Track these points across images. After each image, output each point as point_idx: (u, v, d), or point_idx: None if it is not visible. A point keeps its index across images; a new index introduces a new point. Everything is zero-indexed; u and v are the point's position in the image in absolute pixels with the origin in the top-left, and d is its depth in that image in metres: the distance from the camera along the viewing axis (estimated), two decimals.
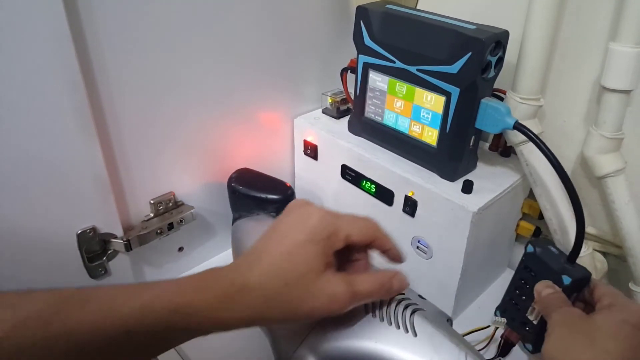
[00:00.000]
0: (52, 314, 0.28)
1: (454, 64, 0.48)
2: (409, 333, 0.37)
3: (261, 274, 0.32)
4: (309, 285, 0.32)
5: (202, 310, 0.30)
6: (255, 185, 0.59)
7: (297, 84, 0.66)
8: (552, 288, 0.42)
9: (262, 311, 0.32)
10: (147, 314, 0.30)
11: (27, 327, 0.28)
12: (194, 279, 0.32)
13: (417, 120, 0.55)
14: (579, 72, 0.52)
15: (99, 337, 0.29)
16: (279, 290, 0.32)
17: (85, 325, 0.29)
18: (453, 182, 0.53)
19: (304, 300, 0.32)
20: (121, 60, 0.48)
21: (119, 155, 0.52)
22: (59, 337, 0.28)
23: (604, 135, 0.49)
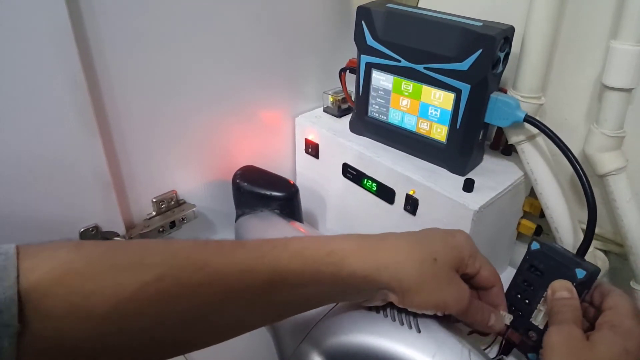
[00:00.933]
0: (206, 257, 0.30)
1: (464, 61, 0.48)
2: (413, 329, 0.37)
3: (418, 236, 0.37)
4: (450, 272, 0.36)
5: (354, 255, 0.33)
6: (260, 183, 0.60)
7: (298, 83, 0.67)
8: (570, 293, 0.38)
9: (404, 267, 0.34)
10: (297, 257, 0.32)
11: (183, 269, 0.29)
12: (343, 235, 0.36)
13: (424, 118, 0.55)
14: (580, 70, 0.52)
15: (248, 280, 0.30)
16: (427, 258, 0.35)
17: (236, 268, 0.30)
18: (463, 176, 0.54)
19: (442, 282, 0.35)
20: (123, 59, 0.49)
21: (121, 154, 0.53)
22: (212, 279, 0.29)
23: (605, 134, 0.49)
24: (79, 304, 0.26)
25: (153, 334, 0.29)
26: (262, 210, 0.59)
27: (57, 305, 0.25)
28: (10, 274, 0.24)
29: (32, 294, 0.25)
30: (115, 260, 0.28)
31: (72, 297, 0.26)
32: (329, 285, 0.33)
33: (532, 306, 0.41)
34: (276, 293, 0.32)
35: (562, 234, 0.54)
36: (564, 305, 0.37)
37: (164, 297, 0.28)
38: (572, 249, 0.54)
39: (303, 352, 0.39)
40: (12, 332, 0.24)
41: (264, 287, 0.31)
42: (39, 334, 0.25)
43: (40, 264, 0.26)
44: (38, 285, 0.25)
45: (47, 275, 0.26)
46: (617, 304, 0.36)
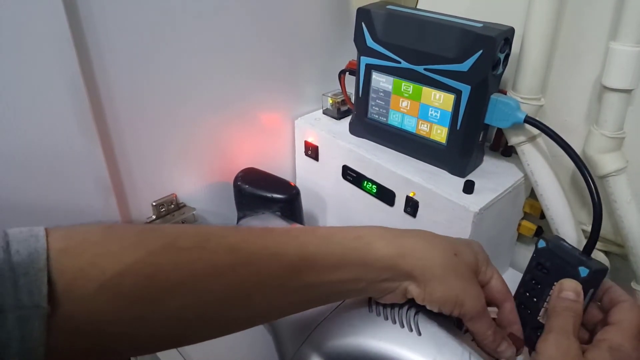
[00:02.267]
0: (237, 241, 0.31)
1: (464, 62, 0.48)
2: (413, 332, 0.37)
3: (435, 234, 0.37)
4: (469, 271, 0.36)
5: (381, 240, 0.34)
6: (261, 185, 0.60)
7: (297, 85, 0.67)
8: (576, 295, 0.37)
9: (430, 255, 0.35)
10: (325, 241, 0.33)
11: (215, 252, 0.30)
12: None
13: (424, 119, 0.55)
14: (579, 71, 0.52)
15: (277, 262, 0.31)
16: (450, 252, 0.36)
17: (266, 251, 0.31)
18: (463, 178, 0.54)
19: (463, 277, 0.35)
20: (121, 63, 0.49)
21: (120, 158, 0.53)
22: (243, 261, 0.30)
23: (605, 135, 0.49)
24: (111, 286, 0.26)
25: (185, 315, 0.29)
26: (263, 213, 0.59)
27: (89, 286, 0.26)
28: (40, 256, 0.25)
29: (64, 275, 0.25)
30: (148, 242, 0.28)
31: (104, 278, 0.26)
32: (356, 270, 0.34)
33: (539, 304, 0.41)
34: (305, 276, 0.32)
35: (563, 235, 0.54)
36: (566, 309, 0.36)
37: (196, 279, 0.28)
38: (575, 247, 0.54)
39: (304, 355, 0.39)
40: (42, 313, 0.24)
41: (293, 270, 0.32)
42: (69, 315, 0.25)
43: (72, 247, 0.26)
44: (69, 267, 0.25)
45: (78, 258, 0.26)
46: (623, 319, 0.35)
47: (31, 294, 0.24)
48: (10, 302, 0.23)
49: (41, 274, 0.24)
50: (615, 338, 0.34)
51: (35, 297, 0.24)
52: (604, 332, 0.35)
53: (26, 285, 0.24)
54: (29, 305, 0.24)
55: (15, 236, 0.25)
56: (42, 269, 0.24)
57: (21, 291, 0.24)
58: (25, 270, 0.24)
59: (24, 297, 0.24)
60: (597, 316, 0.38)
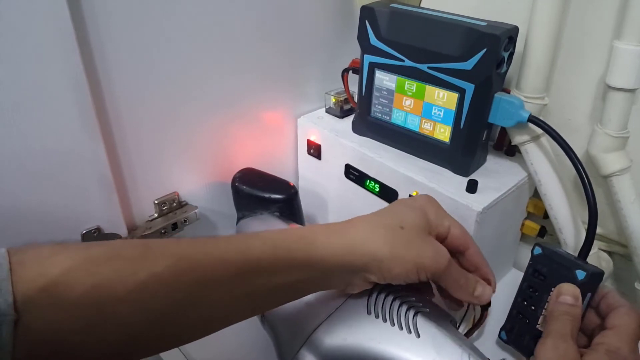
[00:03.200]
0: (180, 250, 0.31)
1: (468, 61, 0.48)
2: (412, 334, 0.37)
3: (381, 212, 0.39)
4: (420, 234, 0.37)
5: (323, 238, 0.35)
6: (258, 185, 0.60)
7: (300, 84, 0.66)
8: (574, 299, 0.37)
9: (373, 240, 0.36)
10: (268, 245, 0.33)
11: (156, 262, 0.30)
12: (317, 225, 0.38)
13: (428, 118, 0.55)
14: (583, 70, 0.52)
15: (222, 269, 0.31)
16: (394, 227, 0.36)
17: (210, 257, 0.31)
18: (467, 177, 0.54)
19: (414, 245, 0.36)
20: (124, 62, 0.48)
21: (123, 156, 0.53)
22: (187, 269, 0.30)
23: (609, 134, 0.48)
24: (61, 296, 0.27)
25: (136, 323, 0.29)
26: (261, 213, 0.59)
27: (42, 296, 0.27)
28: (3, 267, 0.26)
29: (20, 286, 0.26)
30: (93, 254, 0.29)
31: (54, 289, 0.27)
32: (303, 270, 0.34)
33: (538, 312, 0.41)
34: (251, 281, 0.32)
35: (566, 235, 0.54)
36: (564, 313, 0.36)
37: (141, 289, 0.29)
38: (576, 250, 0.53)
39: (303, 357, 0.39)
40: (9, 320, 0.25)
41: (239, 275, 0.32)
42: (29, 325, 0.26)
43: (26, 259, 0.27)
44: (24, 278, 0.26)
45: (31, 270, 0.27)
46: (620, 324, 0.35)
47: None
48: None
49: (5, 283, 0.25)
50: (613, 342, 0.34)
51: (2, 305, 0.25)
52: (601, 336, 0.35)
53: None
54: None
55: None
56: (5, 279, 0.25)
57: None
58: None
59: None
60: (594, 321, 0.38)
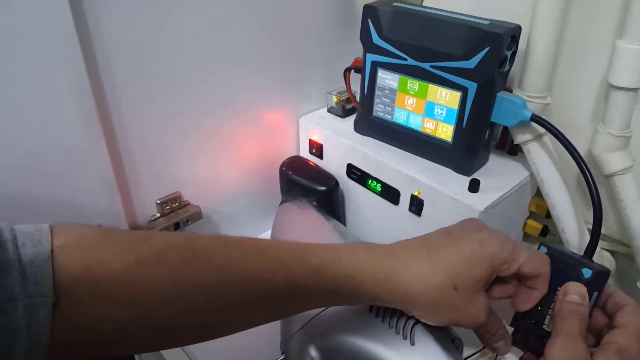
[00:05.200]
0: (225, 262, 0.31)
1: (471, 59, 0.48)
2: (407, 340, 0.37)
3: (440, 257, 0.36)
4: (472, 295, 0.35)
5: (371, 281, 0.34)
6: (302, 174, 0.64)
7: (302, 83, 0.66)
8: (581, 298, 0.36)
9: (422, 296, 0.35)
10: (314, 275, 0.33)
11: (201, 270, 0.30)
12: (363, 249, 0.36)
13: (430, 117, 0.55)
14: (586, 69, 0.52)
15: (265, 290, 0.32)
16: (447, 286, 0.34)
17: (254, 276, 0.32)
18: (469, 176, 0.54)
19: (459, 307, 0.35)
20: (126, 61, 0.48)
21: (125, 155, 0.53)
22: (229, 283, 0.31)
23: (611, 134, 0.48)
24: (101, 291, 0.27)
25: (171, 324, 0.30)
26: (301, 200, 0.62)
27: (83, 290, 0.27)
28: (45, 249, 0.26)
29: (61, 273, 0.26)
30: (138, 252, 0.29)
31: (96, 284, 0.27)
32: (343, 301, 0.36)
33: (544, 312, 0.40)
34: (291, 304, 0.34)
35: (569, 235, 0.54)
36: (572, 312, 0.36)
37: (180, 295, 0.29)
38: (579, 249, 0.53)
39: (301, 340, 0.40)
40: (48, 302, 0.25)
41: (281, 298, 0.33)
42: (67, 311, 0.26)
43: (70, 245, 0.27)
44: (66, 265, 0.27)
45: (74, 259, 0.27)
46: (628, 322, 0.35)
47: (37, 284, 0.25)
48: (19, 290, 0.25)
49: (46, 265, 0.26)
50: (622, 341, 0.34)
51: (41, 287, 0.25)
52: (610, 335, 0.35)
53: (33, 276, 0.25)
54: (36, 294, 0.25)
55: (22, 230, 0.27)
56: (47, 260, 0.26)
57: (28, 281, 0.25)
58: (31, 261, 0.25)
59: (31, 286, 0.25)
60: (602, 321, 0.38)
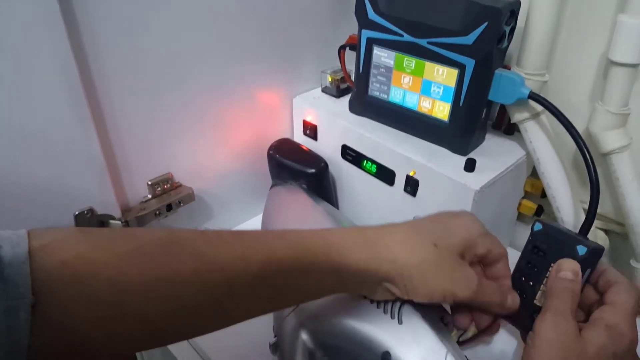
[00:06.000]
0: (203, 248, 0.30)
1: (468, 35, 0.47)
2: (395, 320, 0.37)
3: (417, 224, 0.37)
4: (452, 257, 0.35)
5: (351, 248, 0.33)
6: (291, 157, 0.63)
7: (295, 62, 0.65)
8: (574, 275, 0.36)
9: (403, 257, 0.34)
10: (293, 248, 0.32)
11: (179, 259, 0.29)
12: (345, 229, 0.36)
13: (427, 96, 0.54)
14: (585, 46, 0.51)
15: (244, 269, 0.31)
16: (427, 244, 0.35)
17: (232, 256, 0.30)
18: (465, 156, 0.53)
19: (444, 269, 0.35)
20: (113, 39, 0.47)
21: (114, 136, 0.51)
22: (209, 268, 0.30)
23: (610, 111, 0.48)
24: (79, 286, 0.27)
25: (154, 318, 0.29)
26: (291, 184, 0.61)
27: (60, 286, 0.26)
28: (22, 250, 0.25)
29: (40, 272, 0.25)
30: (116, 246, 0.29)
31: (76, 281, 0.26)
32: (328, 276, 0.33)
33: (536, 288, 0.41)
34: (274, 282, 0.32)
35: (564, 214, 0.54)
36: (565, 289, 0.36)
37: (160, 286, 0.28)
38: (574, 228, 0.53)
39: (292, 323, 0.40)
40: (27, 303, 0.24)
41: (262, 276, 0.31)
42: (47, 313, 0.26)
43: (47, 245, 0.27)
44: (44, 264, 0.26)
45: (53, 257, 0.26)
46: (618, 300, 0.35)
47: (16, 285, 0.24)
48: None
49: (24, 266, 0.25)
50: (611, 317, 0.34)
51: (20, 288, 0.24)
52: (600, 311, 0.35)
53: (11, 277, 0.24)
54: (16, 296, 0.24)
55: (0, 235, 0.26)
56: (25, 262, 0.25)
57: (7, 282, 0.24)
58: (9, 261, 0.25)
59: (10, 288, 0.24)
60: (592, 297, 0.38)
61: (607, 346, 0.33)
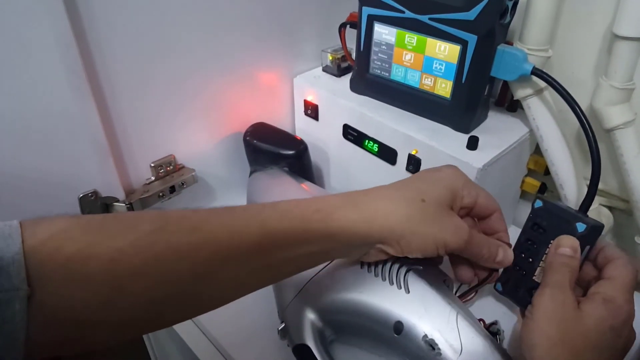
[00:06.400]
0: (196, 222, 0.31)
1: (471, 10, 0.46)
2: (402, 289, 0.38)
3: (402, 183, 0.38)
4: (441, 208, 0.36)
5: (341, 210, 0.34)
6: (269, 140, 0.61)
7: (295, 41, 0.64)
8: (573, 251, 0.37)
9: (393, 213, 0.35)
10: (285, 217, 0.33)
11: (174, 233, 0.29)
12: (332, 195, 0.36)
13: (429, 73, 0.53)
14: (589, 20, 0.50)
15: (238, 241, 0.31)
16: (415, 200, 0.35)
17: (226, 229, 0.31)
18: (467, 134, 0.53)
19: (435, 220, 0.35)
20: (113, 18, 0.47)
21: (116, 118, 0.51)
22: (203, 241, 0.30)
23: (614, 86, 0.47)
24: (77, 270, 0.26)
25: (152, 297, 0.29)
26: (271, 168, 0.60)
27: (57, 271, 0.26)
28: (16, 241, 0.25)
29: (34, 261, 0.25)
30: (109, 228, 0.29)
31: (70, 263, 0.26)
32: (319, 242, 0.34)
33: (535, 264, 0.41)
34: (269, 253, 0.32)
35: (567, 191, 0.54)
36: (563, 265, 0.36)
37: (158, 262, 0.28)
38: (577, 205, 0.53)
39: (297, 306, 0.40)
40: (22, 295, 0.24)
41: (256, 247, 0.31)
42: (44, 301, 0.25)
43: (40, 232, 0.26)
44: (38, 251, 0.26)
45: (46, 243, 0.26)
46: (616, 275, 0.36)
47: (10, 276, 0.24)
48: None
49: (18, 257, 0.25)
50: (608, 291, 0.35)
51: (14, 279, 0.24)
52: (598, 285, 0.36)
53: (5, 268, 0.24)
54: (10, 287, 0.24)
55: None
56: (18, 253, 0.25)
57: (0, 274, 0.24)
58: (2, 254, 0.24)
59: (4, 280, 0.24)
60: (591, 273, 0.39)
61: (604, 319, 0.33)
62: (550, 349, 0.32)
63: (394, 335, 0.37)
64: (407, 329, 0.36)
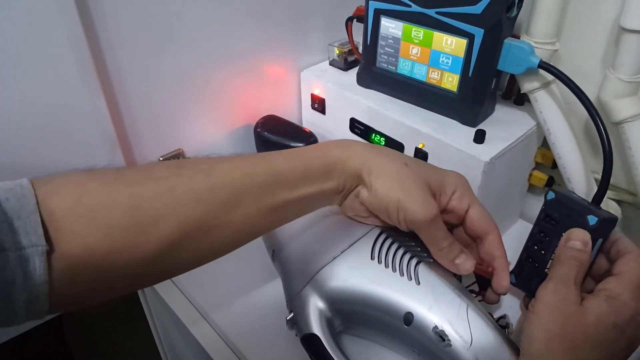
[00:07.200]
0: (210, 166, 0.33)
1: (477, 4, 0.46)
2: (412, 281, 0.38)
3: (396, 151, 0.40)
4: (418, 180, 0.37)
5: (336, 147, 0.38)
6: (278, 132, 0.62)
7: (302, 35, 0.64)
8: (584, 245, 0.36)
9: (375, 159, 0.37)
10: (289, 157, 0.36)
11: (191, 177, 0.31)
12: None
13: (435, 67, 0.53)
14: (597, 13, 0.50)
15: (249, 181, 0.33)
16: (398, 161, 0.38)
17: (238, 171, 0.33)
18: (474, 127, 0.53)
19: (406, 184, 0.37)
20: (122, 13, 0.47)
21: (125, 111, 0.52)
22: (219, 182, 0.32)
23: (621, 79, 0.47)
24: (100, 220, 0.27)
25: (173, 240, 0.30)
26: None
27: (79, 222, 0.27)
28: (29, 200, 0.26)
29: (54, 216, 0.26)
30: (126, 177, 0.30)
31: (92, 213, 0.27)
32: (317, 181, 0.36)
33: (547, 256, 0.40)
34: (277, 192, 0.34)
35: (575, 184, 0.54)
36: (572, 258, 0.36)
37: (178, 205, 0.30)
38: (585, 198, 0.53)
39: (306, 295, 0.41)
40: (41, 250, 0.25)
41: (267, 187, 0.34)
42: (66, 254, 0.26)
43: (55, 187, 0.27)
44: (57, 207, 0.27)
45: (64, 198, 0.27)
46: (625, 270, 0.35)
47: (27, 234, 0.25)
48: (9, 242, 0.24)
49: (33, 216, 0.25)
50: (614, 288, 0.34)
51: (31, 237, 0.25)
52: (605, 282, 0.35)
53: (22, 227, 0.25)
54: (27, 245, 0.25)
55: (1, 187, 0.27)
56: (33, 211, 0.26)
57: (18, 233, 0.25)
58: (17, 214, 0.25)
59: (22, 238, 0.25)
60: (604, 267, 0.38)
61: (606, 315, 0.32)
62: (548, 342, 0.32)
63: (404, 326, 0.37)
64: (417, 320, 0.36)
